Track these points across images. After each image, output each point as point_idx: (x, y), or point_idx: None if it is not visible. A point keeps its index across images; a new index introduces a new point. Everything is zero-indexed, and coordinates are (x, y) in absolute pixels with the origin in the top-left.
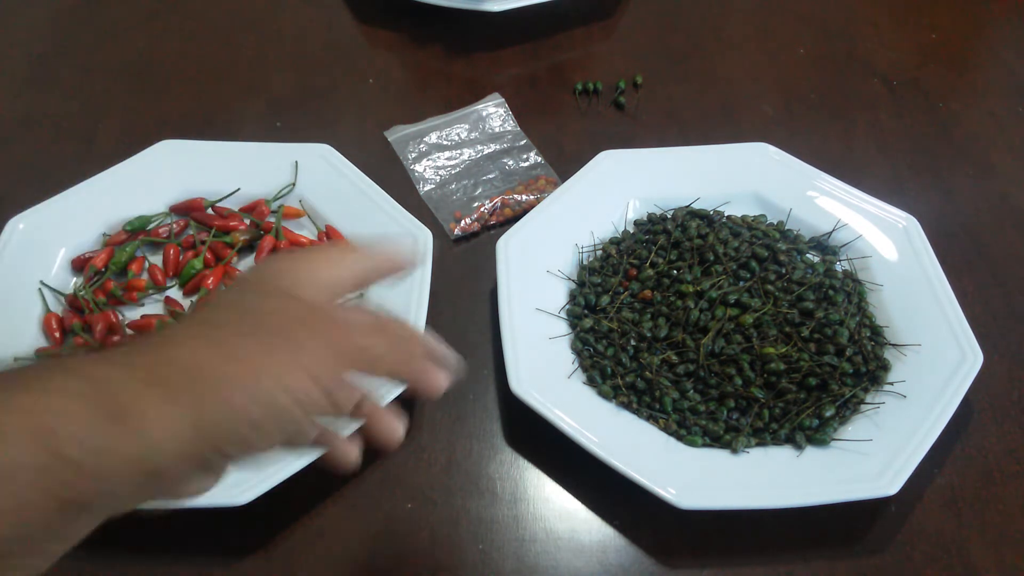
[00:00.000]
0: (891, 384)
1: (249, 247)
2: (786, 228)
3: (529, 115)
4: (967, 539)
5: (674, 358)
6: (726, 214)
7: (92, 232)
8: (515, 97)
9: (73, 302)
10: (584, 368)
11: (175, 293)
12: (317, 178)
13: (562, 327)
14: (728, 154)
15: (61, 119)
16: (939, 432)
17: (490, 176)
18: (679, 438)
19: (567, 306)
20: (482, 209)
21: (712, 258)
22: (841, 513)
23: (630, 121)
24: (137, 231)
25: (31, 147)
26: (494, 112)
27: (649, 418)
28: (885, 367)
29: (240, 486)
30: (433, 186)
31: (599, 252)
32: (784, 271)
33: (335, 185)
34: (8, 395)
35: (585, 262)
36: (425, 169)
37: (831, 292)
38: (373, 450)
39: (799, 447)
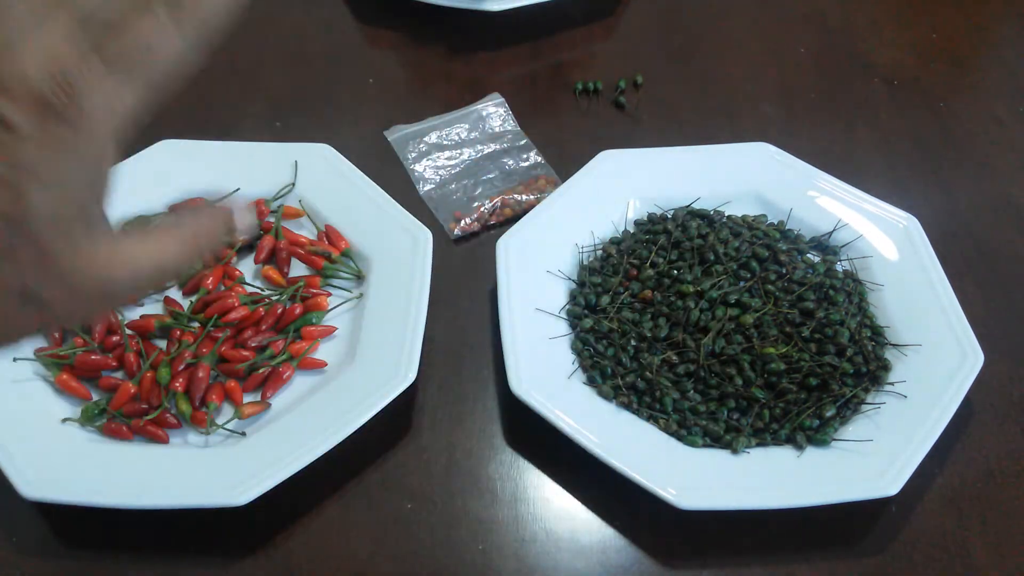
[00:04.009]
0: (892, 384)
1: (249, 247)
2: (786, 228)
3: (529, 115)
4: (968, 539)
5: (674, 358)
6: (726, 214)
7: None
8: (515, 97)
9: None
10: (584, 368)
11: (174, 293)
12: (317, 178)
13: (562, 327)
14: (728, 154)
15: None
16: (940, 432)
17: (490, 176)
18: (679, 438)
19: (567, 306)
20: (482, 209)
21: (712, 258)
22: (841, 513)
23: (630, 121)
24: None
25: None
26: (494, 112)
27: (649, 418)
28: (886, 367)
29: (240, 486)
30: (433, 186)
31: (599, 252)
32: (784, 271)
33: (335, 185)
34: None
35: (585, 262)
36: (425, 169)
37: (832, 292)
38: (373, 450)
39: (800, 447)
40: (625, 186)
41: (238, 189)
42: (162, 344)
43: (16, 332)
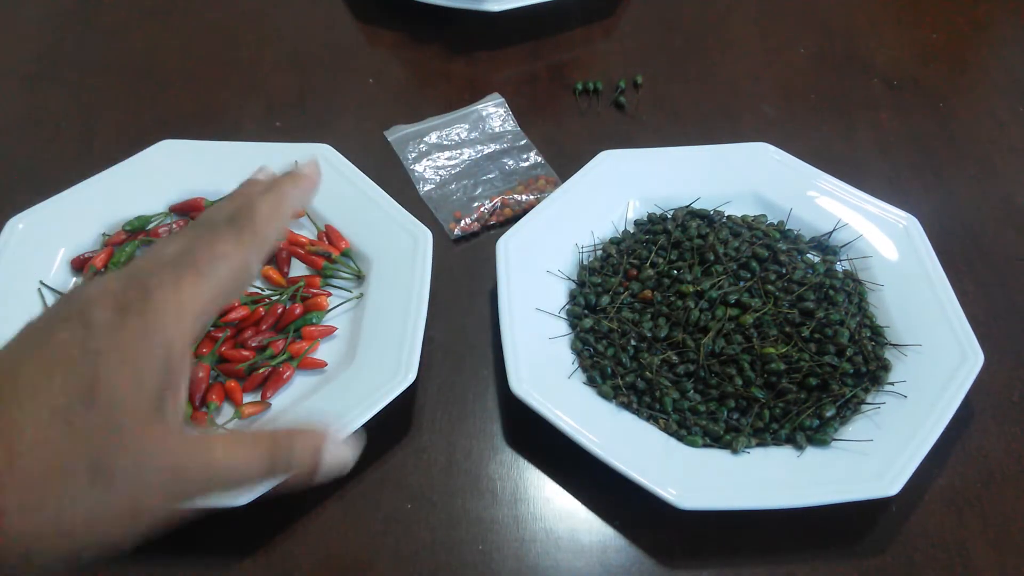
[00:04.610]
0: (892, 384)
1: None
2: (786, 228)
3: (529, 115)
4: (968, 539)
5: (674, 358)
6: (726, 214)
7: (92, 232)
8: (515, 97)
9: None
10: (584, 368)
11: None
12: None
13: (562, 327)
14: (728, 154)
15: (61, 119)
16: (940, 432)
17: (490, 176)
18: (679, 438)
19: (567, 306)
20: (482, 209)
21: (712, 258)
22: (841, 513)
23: (630, 121)
24: (137, 231)
25: (31, 147)
26: (494, 112)
27: (649, 418)
28: (886, 367)
29: None
30: (433, 186)
31: (599, 252)
32: (784, 271)
33: (335, 185)
34: None
35: (585, 262)
36: (425, 169)
37: (831, 292)
38: (373, 450)
39: (799, 447)
40: (625, 186)
41: None
42: None
43: (81, 512)
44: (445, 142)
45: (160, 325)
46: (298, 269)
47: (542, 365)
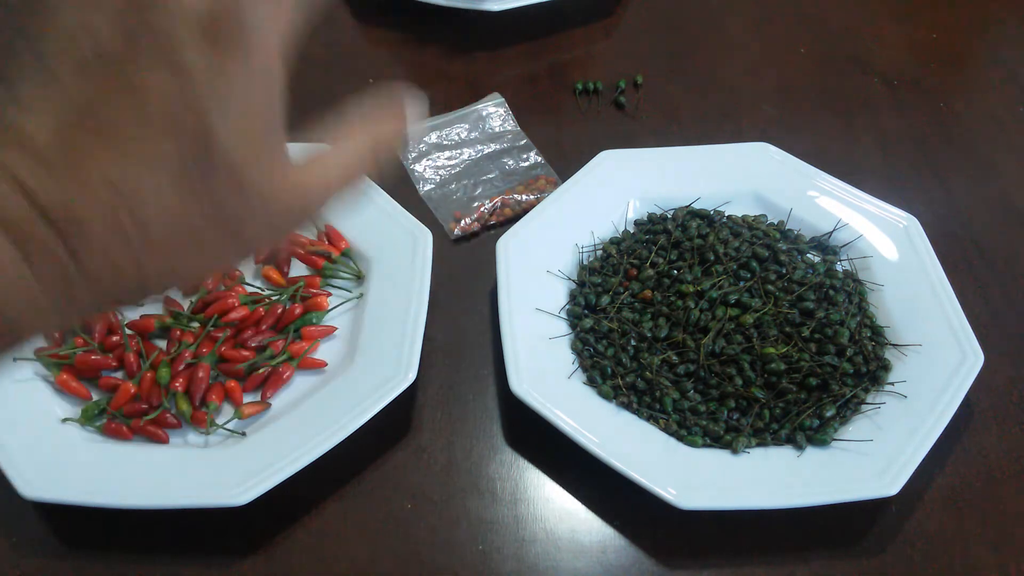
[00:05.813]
0: (892, 384)
1: None
2: (786, 228)
3: (529, 115)
4: (968, 539)
5: (674, 358)
6: (726, 214)
7: None
8: (515, 97)
9: None
10: (584, 368)
11: (174, 293)
12: None
13: (562, 327)
14: (728, 154)
15: None
16: (940, 432)
17: (490, 176)
18: (679, 438)
19: (567, 306)
20: (482, 209)
21: (712, 258)
22: (841, 513)
23: (630, 121)
24: None
25: None
26: (494, 112)
27: (649, 418)
28: (886, 367)
29: (240, 486)
30: (433, 186)
31: (599, 252)
32: (784, 271)
33: None
34: None
35: (585, 262)
36: (425, 169)
37: (832, 292)
38: (373, 450)
39: (799, 447)
40: (625, 186)
41: None
42: (162, 344)
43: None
44: (445, 142)
45: (259, 53)
46: (298, 269)
47: (542, 365)
